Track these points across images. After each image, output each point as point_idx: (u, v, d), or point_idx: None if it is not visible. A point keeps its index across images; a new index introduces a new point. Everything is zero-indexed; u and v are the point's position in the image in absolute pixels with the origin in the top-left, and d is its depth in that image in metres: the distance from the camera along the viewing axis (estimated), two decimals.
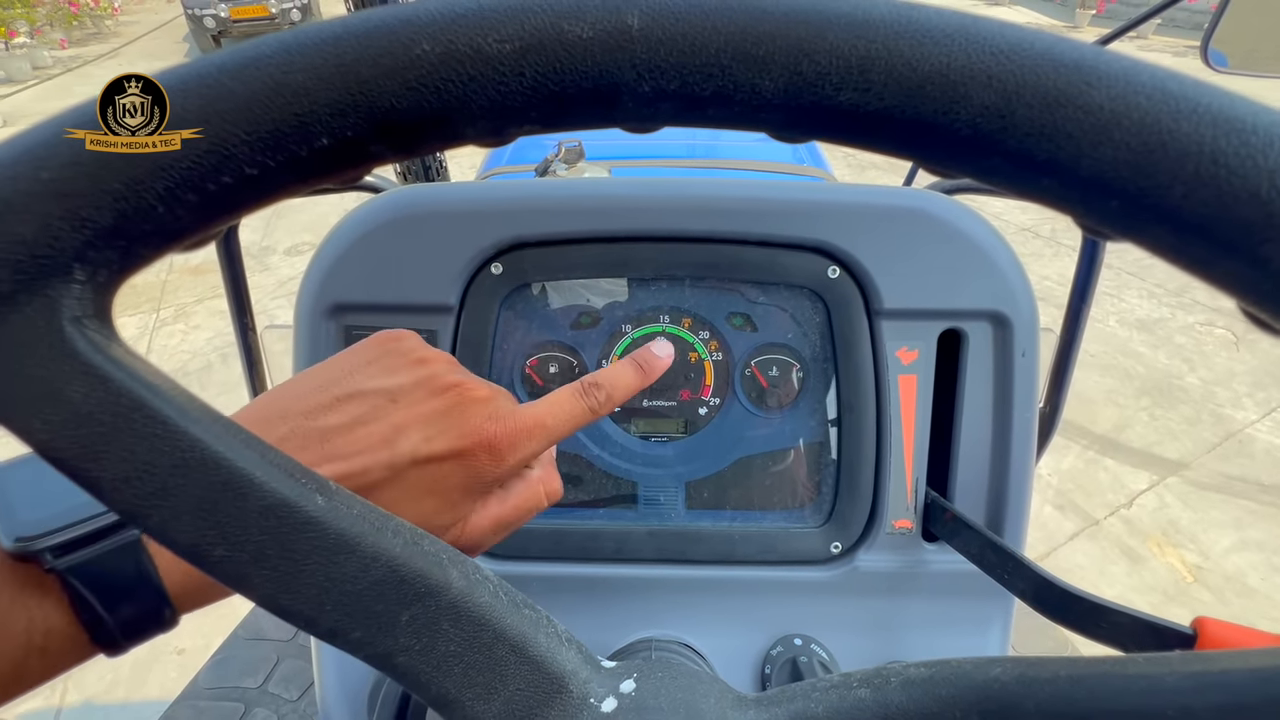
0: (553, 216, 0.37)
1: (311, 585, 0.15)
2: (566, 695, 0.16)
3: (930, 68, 0.12)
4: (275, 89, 0.12)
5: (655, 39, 0.12)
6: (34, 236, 0.13)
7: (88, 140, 0.13)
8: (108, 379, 0.14)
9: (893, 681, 0.15)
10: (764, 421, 0.40)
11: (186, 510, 0.14)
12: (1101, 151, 0.11)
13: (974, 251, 0.36)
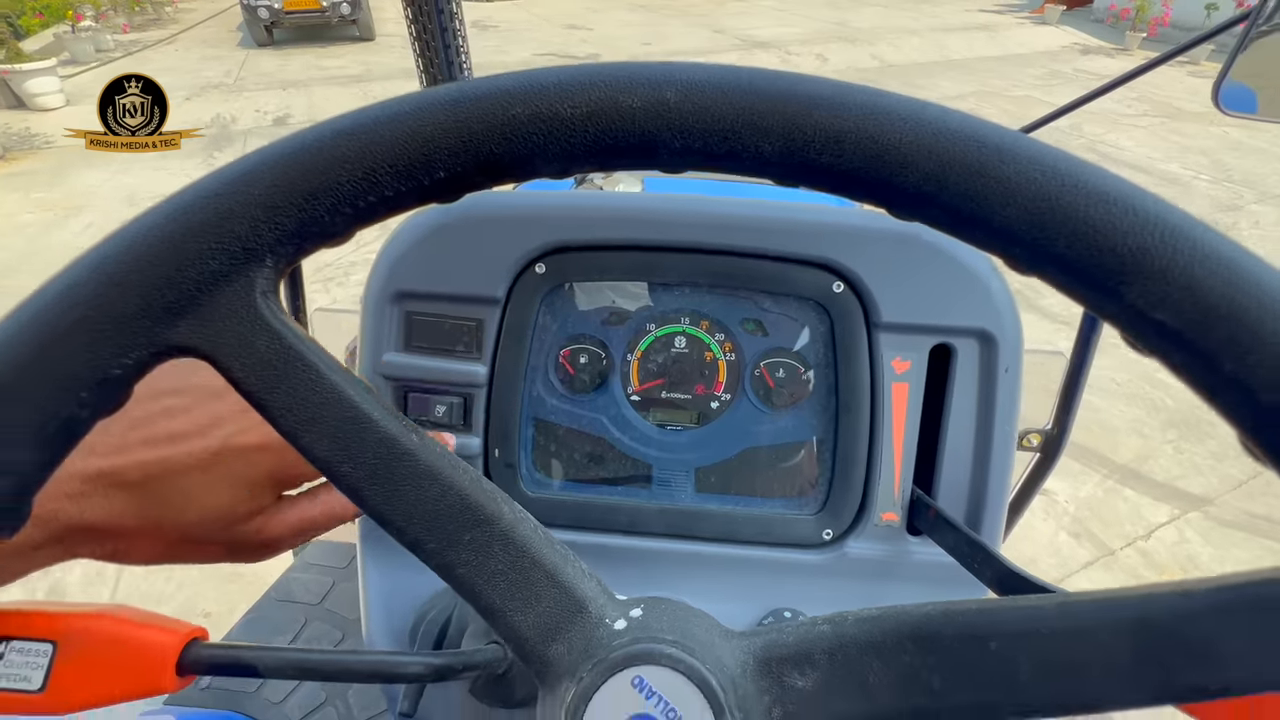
0: (590, 225, 0.41)
1: (405, 503, 0.20)
2: (586, 615, 0.20)
3: (888, 141, 0.16)
4: (412, 137, 0.17)
5: (686, 110, 0.17)
6: (244, 234, 0.18)
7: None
8: (281, 337, 0.19)
9: (849, 619, 0.19)
10: (769, 417, 0.43)
11: (326, 435, 0.19)
12: (1009, 211, 0.15)
13: (966, 275, 0.39)
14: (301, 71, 6.53)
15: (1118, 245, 0.15)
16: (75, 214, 3.67)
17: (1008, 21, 9.28)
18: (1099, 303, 0.16)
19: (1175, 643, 0.16)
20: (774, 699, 0.19)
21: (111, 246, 0.18)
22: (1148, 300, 0.15)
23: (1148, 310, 0.15)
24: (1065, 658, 0.17)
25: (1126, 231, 0.15)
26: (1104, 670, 0.16)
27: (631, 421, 0.44)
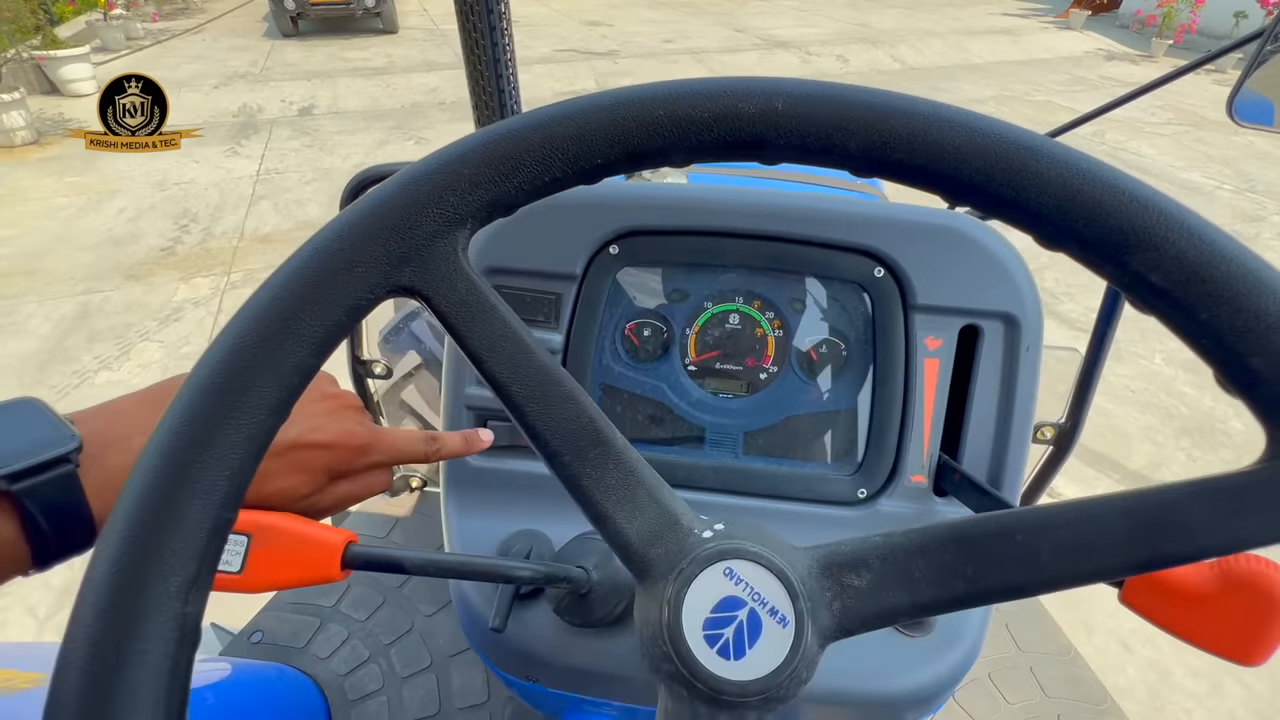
0: (660, 212, 0.46)
1: (553, 420, 0.25)
2: (680, 526, 0.24)
3: (949, 144, 0.20)
4: (579, 135, 0.22)
5: (791, 116, 0.21)
6: (455, 205, 0.23)
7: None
8: (474, 283, 0.24)
9: (898, 533, 0.23)
10: (812, 388, 0.48)
11: (503, 361, 0.25)
12: (1042, 199, 0.19)
13: (994, 264, 0.43)
14: (326, 63, 6.61)
15: (1124, 224, 0.20)
16: (108, 198, 3.76)
17: (1031, 26, 9.20)
18: (1109, 269, 0.21)
19: (1160, 522, 0.21)
20: (834, 595, 0.23)
21: (363, 208, 0.23)
22: (1146, 266, 0.20)
23: (1145, 274, 0.20)
24: (1077, 540, 0.21)
25: (1131, 215, 0.20)
26: (1106, 547, 0.20)
27: (688, 389, 0.48)
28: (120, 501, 0.20)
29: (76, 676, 0.18)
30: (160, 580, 0.19)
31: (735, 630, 0.22)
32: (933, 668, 0.40)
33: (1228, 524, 0.20)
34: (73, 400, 2.30)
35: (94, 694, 0.18)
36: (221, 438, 0.21)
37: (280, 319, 0.22)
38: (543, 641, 0.42)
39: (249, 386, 0.21)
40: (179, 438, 0.21)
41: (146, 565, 0.19)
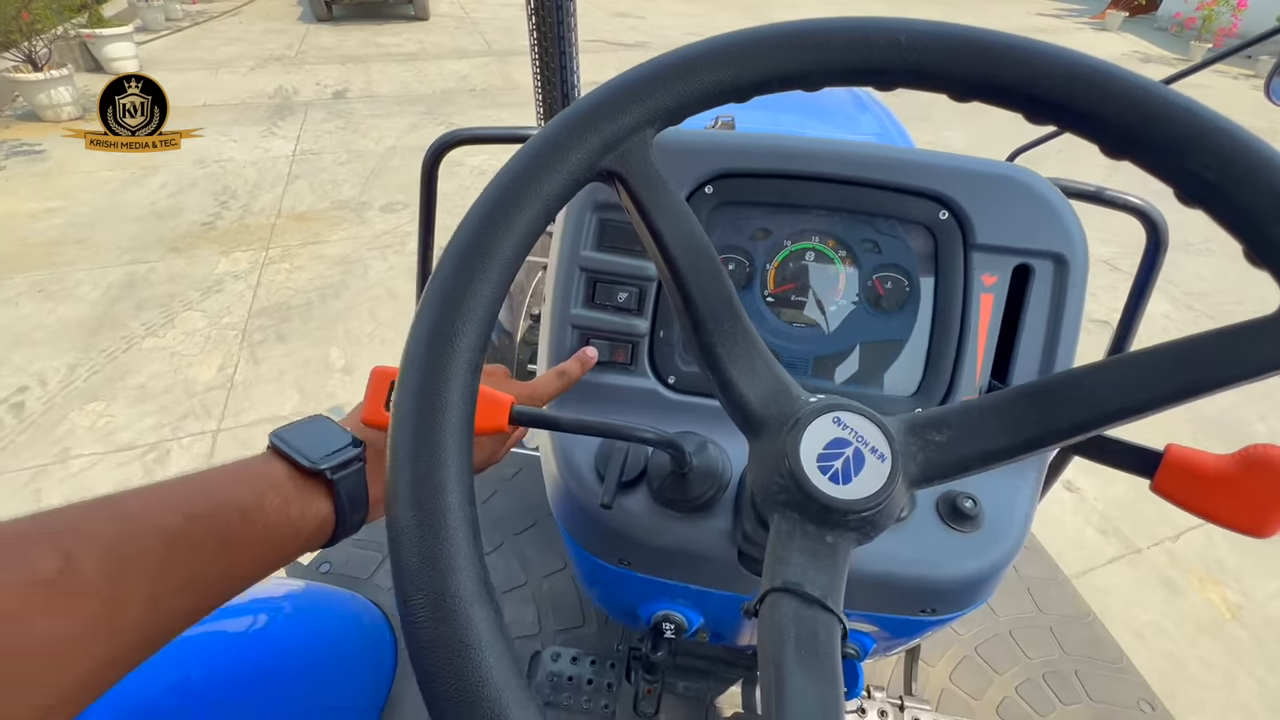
0: (751, 157, 0.51)
1: (703, 292, 0.31)
2: (790, 392, 0.30)
3: (1043, 70, 0.25)
4: (742, 57, 0.28)
5: (911, 46, 0.27)
6: (649, 109, 0.29)
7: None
8: (658, 173, 0.30)
9: (974, 400, 0.28)
10: (878, 318, 0.52)
11: (674, 235, 0.31)
12: (1114, 113, 0.24)
13: (1047, 209, 0.48)
14: (359, 48, 6.71)
15: (1183, 133, 0.25)
16: (151, 173, 3.88)
17: (1066, 26, 9.07)
18: (1168, 168, 0.26)
19: (1199, 358, 0.26)
20: (919, 448, 0.28)
21: (576, 111, 0.29)
22: (1200, 165, 0.25)
23: (1200, 172, 0.25)
24: (1131, 380, 0.26)
25: (1188, 125, 0.25)
26: (1157, 381, 0.26)
27: (765, 316, 0.53)
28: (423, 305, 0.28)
29: (409, 403, 0.25)
30: (458, 357, 0.26)
31: (843, 463, 0.27)
32: (978, 560, 0.45)
33: (1250, 355, 0.25)
34: (122, 362, 2.41)
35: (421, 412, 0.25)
36: (475, 292, 0.27)
37: (523, 184, 0.28)
38: (639, 524, 0.47)
39: (494, 249, 0.27)
40: (459, 264, 0.27)
41: (452, 349, 0.26)
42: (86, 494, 0.32)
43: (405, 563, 0.23)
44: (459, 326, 0.26)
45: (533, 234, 0.28)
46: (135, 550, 0.31)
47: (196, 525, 0.34)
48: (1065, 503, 2.07)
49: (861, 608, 0.48)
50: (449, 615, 0.22)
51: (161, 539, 0.32)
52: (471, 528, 0.24)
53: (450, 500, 0.23)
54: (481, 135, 0.74)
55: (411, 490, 0.23)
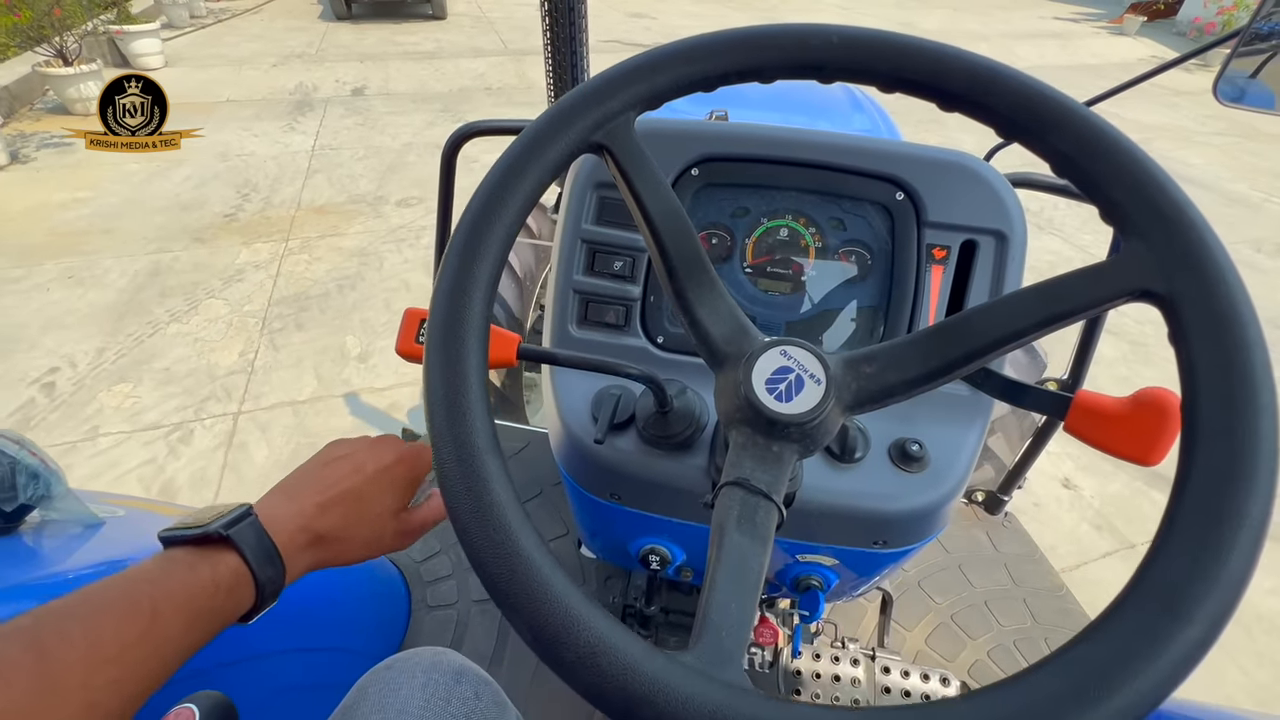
0: (731, 143, 0.57)
1: (678, 246, 0.37)
2: (748, 332, 0.36)
3: (951, 71, 0.31)
4: (707, 55, 0.34)
5: (841, 46, 0.32)
6: (635, 93, 0.35)
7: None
8: (640, 148, 0.36)
9: (898, 339, 0.34)
10: (840, 289, 0.59)
11: (654, 200, 0.37)
12: (1001, 104, 0.31)
13: (990, 191, 0.54)
14: (377, 46, 6.83)
15: (1047, 116, 0.31)
16: (176, 166, 3.99)
17: (1083, 30, 9.02)
18: (1042, 147, 0.33)
19: (1057, 296, 0.32)
20: (853, 378, 0.34)
21: (574, 94, 0.35)
22: (1061, 143, 0.32)
23: (1061, 148, 0.32)
24: (1008, 313, 0.32)
25: (1048, 110, 0.32)
26: (1025, 315, 0.32)
27: (744, 285, 0.59)
28: (452, 243, 0.34)
29: (441, 311, 0.31)
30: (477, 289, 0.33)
31: (786, 386, 0.33)
32: (923, 496, 0.51)
33: (1095, 290, 0.30)
34: (148, 346, 2.50)
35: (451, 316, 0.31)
36: (489, 238, 0.33)
37: (529, 154, 0.34)
38: (628, 459, 0.53)
39: (505, 203, 0.34)
40: (475, 224, 0.34)
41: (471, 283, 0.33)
42: (114, 470, 0.37)
43: (435, 423, 0.29)
44: (479, 259, 0.32)
45: (537, 191, 0.34)
46: (55, 633, 0.32)
47: (111, 595, 0.36)
48: (1063, 500, 2.11)
49: (822, 540, 0.54)
50: (468, 457, 0.28)
51: (79, 620, 0.34)
52: (485, 406, 0.30)
53: (471, 382, 0.30)
54: (497, 127, 0.81)
55: (442, 371, 0.30)
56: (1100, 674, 0.23)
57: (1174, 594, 0.24)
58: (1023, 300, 0.32)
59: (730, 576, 0.29)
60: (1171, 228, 0.29)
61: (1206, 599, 0.24)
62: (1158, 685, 0.23)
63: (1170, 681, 0.23)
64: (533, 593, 0.26)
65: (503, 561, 0.26)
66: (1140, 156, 0.31)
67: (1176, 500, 0.26)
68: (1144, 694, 0.23)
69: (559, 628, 0.25)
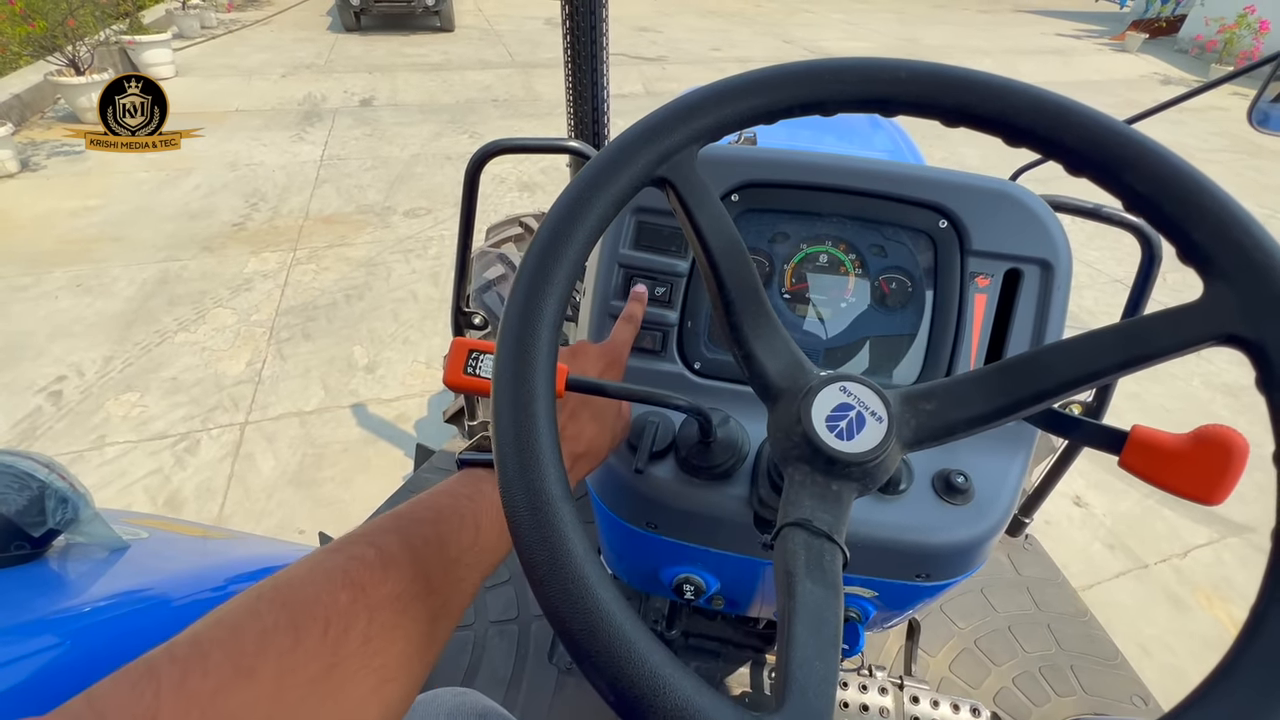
0: (773, 169, 0.57)
1: (734, 280, 0.37)
2: (804, 366, 0.36)
3: (1014, 107, 0.30)
4: (768, 88, 0.33)
5: (910, 81, 0.32)
6: (696, 129, 0.35)
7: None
8: (701, 181, 0.36)
9: (959, 374, 0.33)
10: (883, 315, 0.58)
11: (714, 233, 0.37)
12: (1070, 139, 0.30)
13: (1035, 220, 0.53)
14: (386, 57, 6.89)
15: (1123, 155, 0.31)
16: (185, 175, 4.01)
17: (1085, 47, 9.09)
18: (1113, 184, 0.32)
19: (1137, 337, 0.31)
20: (912, 415, 0.33)
21: (637, 130, 0.35)
22: (1136, 180, 0.31)
23: (1135, 185, 0.31)
24: (1083, 353, 0.32)
25: (1126, 149, 0.31)
26: (1105, 355, 0.31)
27: (782, 312, 0.59)
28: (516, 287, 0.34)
29: (509, 350, 0.32)
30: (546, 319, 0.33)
31: (847, 423, 0.32)
32: (968, 529, 0.50)
33: (1178, 333, 0.30)
34: (156, 355, 2.50)
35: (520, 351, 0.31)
36: (556, 272, 0.33)
37: (593, 188, 0.34)
38: (667, 489, 0.52)
39: (572, 236, 0.33)
40: (540, 264, 0.33)
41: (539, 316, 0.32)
42: (121, 480, 0.37)
43: (507, 469, 0.29)
44: (547, 294, 0.32)
45: (601, 225, 0.34)
46: (418, 535, 0.38)
47: (446, 510, 0.41)
48: (1074, 518, 2.09)
49: (863, 573, 0.53)
50: (542, 505, 0.28)
51: (432, 526, 0.39)
52: (556, 450, 0.30)
53: (541, 426, 0.30)
54: (520, 145, 0.81)
55: (512, 414, 0.30)
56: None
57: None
58: (1101, 340, 0.31)
59: (809, 630, 0.28)
60: (1259, 272, 0.29)
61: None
62: None
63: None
64: (614, 651, 0.25)
65: (582, 618, 0.26)
66: (1224, 198, 0.31)
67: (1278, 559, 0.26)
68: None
69: (645, 689, 0.24)
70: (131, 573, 0.52)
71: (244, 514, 1.93)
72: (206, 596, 0.56)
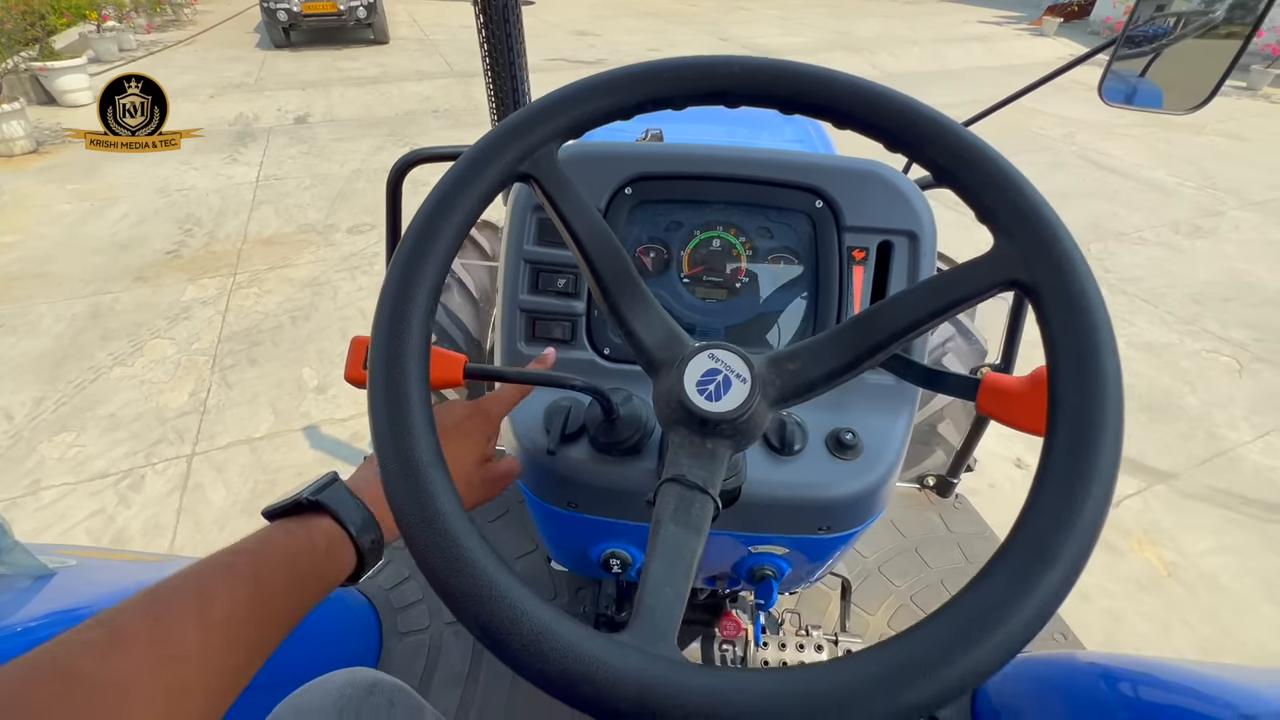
0: (660, 163, 0.60)
1: (608, 267, 0.39)
2: (679, 339, 0.39)
3: (839, 95, 0.34)
4: (625, 87, 0.37)
5: (743, 76, 0.35)
6: (556, 126, 0.38)
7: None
8: (564, 175, 0.39)
9: (818, 335, 0.37)
10: (776, 292, 0.62)
11: (583, 222, 0.39)
12: (887, 122, 0.34)
13: (900, 196, 0.58)
14: (319, 72, 6.74)
15: (924, 133, 0.35)
16: (111, 204, 3.85)
17: (1005, 33, 9.51)
18: (923, 160, 0.36)
19: (947, 287, 0.35)
20: (777, 375, 0.37)
21: (499, 130, 0.37)
22: (937, 155, 0.35)
23: (934, 157, 0.35)
24: (909, 304, 0.36)
25: (926, 127, 0.35)
26: (923, 304, 0.35)
27: (682, 295, 0.62)
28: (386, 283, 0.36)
29: (382, 337, 0.33)
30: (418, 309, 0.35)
31: (715, 386, 0.36)
32: (859, 481, 0.54)
33: (975, 281, 0.34)
34: (91, 393, 2.40)
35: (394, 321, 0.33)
36: (425, 265, 0.35)
37: (459, 186, 0.36)
38: (581, 468, 0.55)
39: (439, 232, 0.35)
40: (408, 263, 0.35)
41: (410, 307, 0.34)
42: (62, 524, 0.37)
43: (380, 440, 0.31)
44: (416, 285, 0.34)
45: (469, 220, 0.37)
46: (168, 603, 0.35)
47: (215, 567, 0.38)
48: (1015, 480, 2.20)
49: (771, 531, 0.57)
50: (412, 472, 0.30)
51: (189, 589, 0.36)
52: (427, 423, 0.32)
53: (413, 401, 0.32)
54: (439, 154, 0.82)
55: (385, 393, 0.32)
56: (980, 617, 0.26)
57: (1042, 543, 0.27)
58: (917, 294, 0.35)
59: (663, 564, 0.31)
60: (1030, 226, 0.33)
61: (1068, 544, 0.27)
62: (1029, 622, 0.26)
63: (1040, 618, 0.27)
64: (479, 593, 0.27)
65: (449, 566, 0.28)
66: (1003, 165, 0.35)
67: (1042, 463, 0.30)
68: (1016, 631, 0.26)
69: (505, 620, 0.27)
70: (59, 596, 0.52)
71: (196, 547, 1.87)
72: None
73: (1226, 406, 2.49)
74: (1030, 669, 0.86)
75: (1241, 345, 2.84)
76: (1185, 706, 0.64)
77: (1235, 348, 2.83)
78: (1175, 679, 0.69)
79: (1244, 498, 2.12)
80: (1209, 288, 3.26)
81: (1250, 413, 2.45)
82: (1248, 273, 3.41)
